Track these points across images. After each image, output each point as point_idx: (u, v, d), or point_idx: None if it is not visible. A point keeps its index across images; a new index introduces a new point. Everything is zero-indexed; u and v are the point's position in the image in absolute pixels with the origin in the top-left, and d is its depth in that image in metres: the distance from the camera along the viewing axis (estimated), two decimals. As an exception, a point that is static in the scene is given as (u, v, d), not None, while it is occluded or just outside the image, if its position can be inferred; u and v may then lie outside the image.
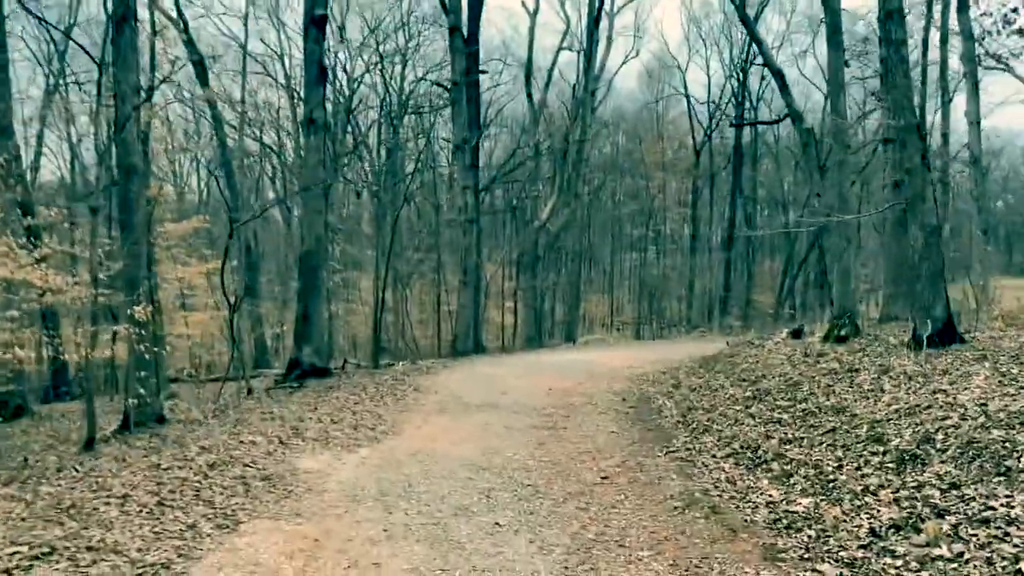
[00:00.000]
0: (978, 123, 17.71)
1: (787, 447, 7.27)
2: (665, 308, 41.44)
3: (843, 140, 14.93)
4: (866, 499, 5.49)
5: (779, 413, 8.60)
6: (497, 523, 5.96)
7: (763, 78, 36.72)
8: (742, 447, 7.81)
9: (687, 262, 41.66)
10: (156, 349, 11.27)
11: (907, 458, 5.92)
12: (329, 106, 27.07)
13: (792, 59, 41.04)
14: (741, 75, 36.82)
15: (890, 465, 5.96)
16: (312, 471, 7.71)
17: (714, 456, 7.81)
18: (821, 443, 7.08)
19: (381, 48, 31.79)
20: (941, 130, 26.29)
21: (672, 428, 9.74)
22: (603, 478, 7.30)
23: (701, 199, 44.50)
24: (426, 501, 6.60)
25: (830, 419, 7.68)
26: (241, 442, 9.10)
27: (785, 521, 5.51)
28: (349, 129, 34.93)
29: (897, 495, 5.38)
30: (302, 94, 22.05)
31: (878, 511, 5.23)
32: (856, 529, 5.06)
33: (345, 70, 34.48)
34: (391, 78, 34.76)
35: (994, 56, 18.47)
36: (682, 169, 44.82)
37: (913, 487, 5.43)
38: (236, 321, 15.77)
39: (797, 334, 11.96)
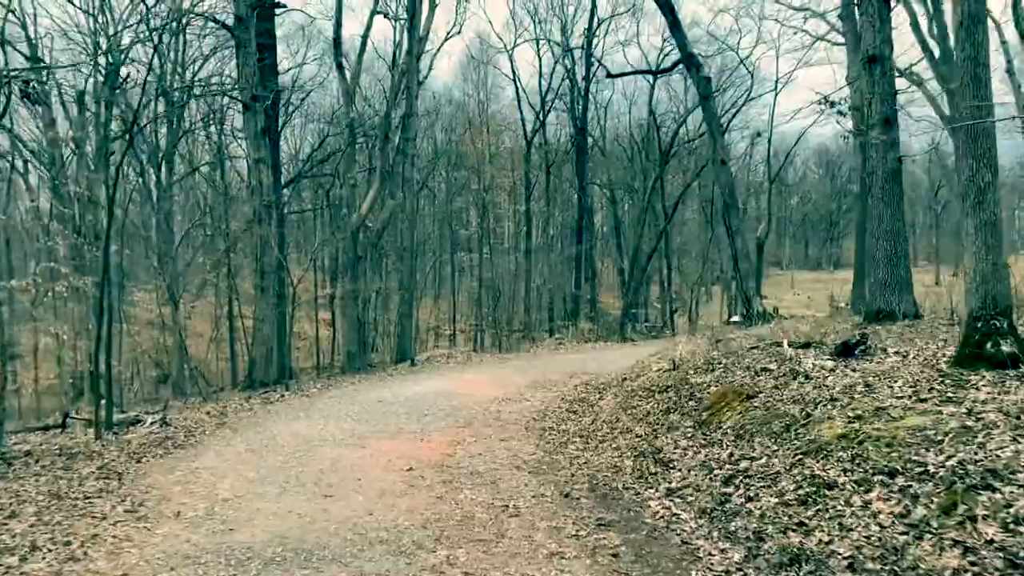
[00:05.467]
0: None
1: None
2: (502, 314, 36.67)
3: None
4: None
5: None
6: None
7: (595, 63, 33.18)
8: None
9: (524, 261, 37.16)
10: None
11: None
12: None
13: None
14: (586, 44, 32.69)
15: None
16: None
17: None
18: None
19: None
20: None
21: None
22: None
23: (534, 193, 40.28)
24: None
25: None
26: None
27: None
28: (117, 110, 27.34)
29: None
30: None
31: None
32: None
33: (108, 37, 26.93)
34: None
35: None
36: (513, 160, 40.59)
37: None
38: None
39: (850, 350, 7.01)
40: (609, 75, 23.53)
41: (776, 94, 37.93)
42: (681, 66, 17.78)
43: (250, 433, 9.45)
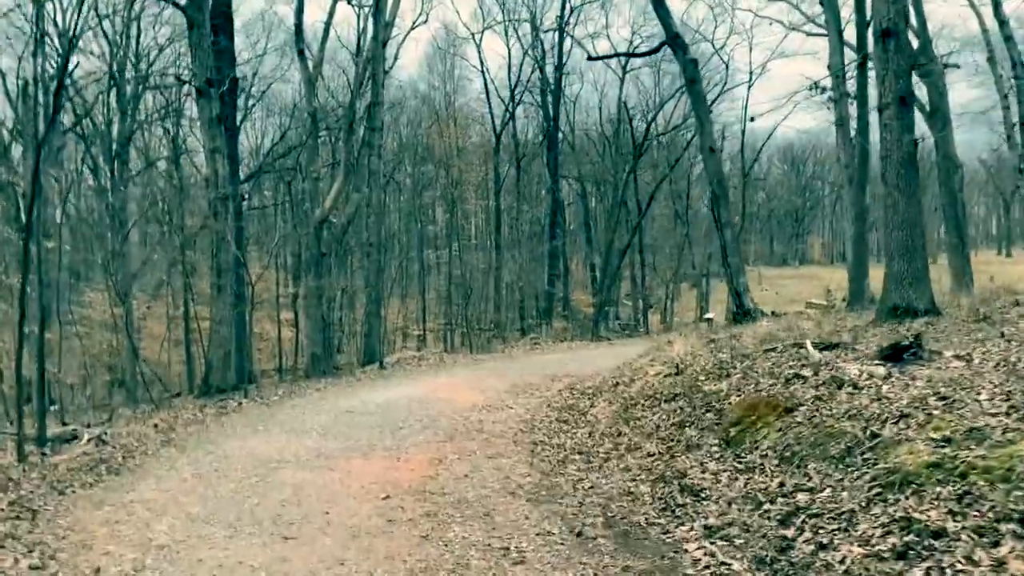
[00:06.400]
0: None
1: None
2: (473, 313, 35.51)
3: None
4: None
5: None
6: None
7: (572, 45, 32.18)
8: None
9: (494, 258, 36.04)
10: None
11: None
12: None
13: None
14: (558, 31, 31.64)
15: None
16: None
17: None
18: None
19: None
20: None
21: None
22: None
23: (504, 187, 39.16)
24: None
25: None
26: None
27: None
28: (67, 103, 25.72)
29: None
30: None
31: None
32: None
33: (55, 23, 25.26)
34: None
35: None
36: (483, 155, 39.53)
37: None
38: None
39: (899, 353, 5.98)
40: (590, 57, 22.62)
41: (750, 86, 37.39)
42: (665, 48, 16.80)
43: (199, 452, 8.23)
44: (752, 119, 23.68)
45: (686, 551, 4.53)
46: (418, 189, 39.19)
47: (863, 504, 4.10)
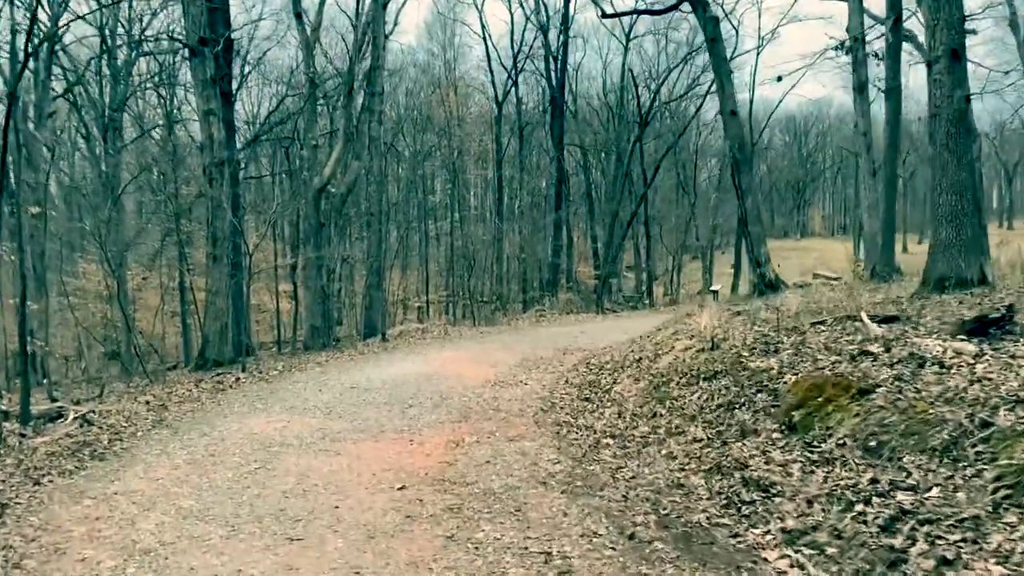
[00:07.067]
0: None
1: None
2: (474, 284, 34.73)
3: None
4: None
5: None
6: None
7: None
8: None
9: (496, 229, 35.17)
10: None
11: None
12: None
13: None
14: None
15: None
16: None
17: None
18: None
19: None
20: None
21: None
22: None
23: (507, 157, 38.22)
24: None
25: None
26: None
27: None
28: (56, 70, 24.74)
29: None
30: None
31: None
32: None
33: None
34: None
35: None
36: (484, 124, 38.61)
37: None
38: None
39: (983, 328, 5.15)
40: (603, 15, 21.51)
41: (758, 52, 36.35)
42: (674, 13, 15.89)
43: (193, 434, 7.53)
44: (780, 78, 22.81)
45: (766, 560, 3.84)
46: (419, 159, 38.23)
47: (990, 509, 3.41)
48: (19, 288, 9.79)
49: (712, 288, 32.64)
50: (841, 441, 4.69)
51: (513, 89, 35.90)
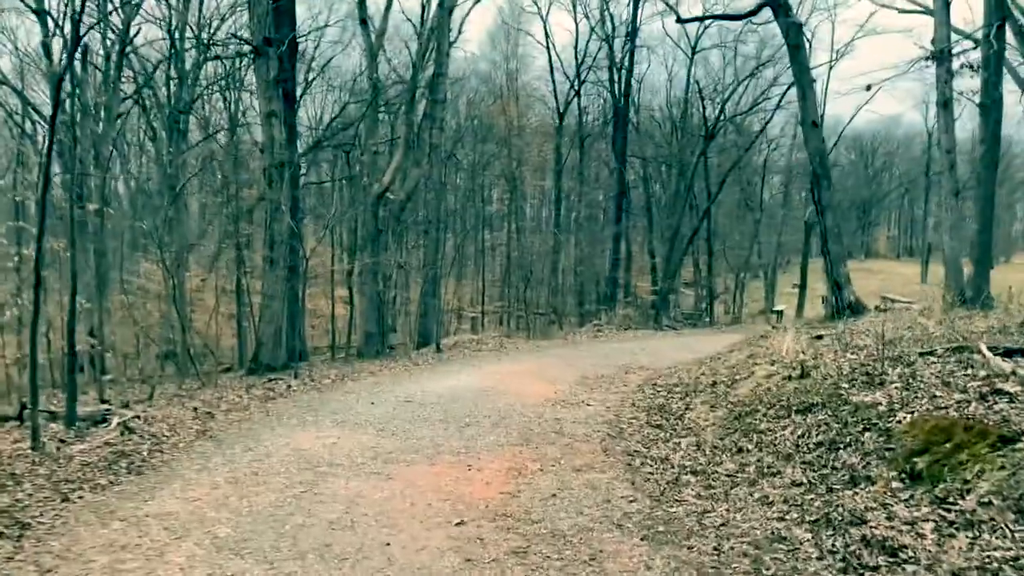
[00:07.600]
0: None
1: None
2: (531, 296, 34.14)
3: None
4: None
5: None
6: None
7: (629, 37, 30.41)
8: None
9: (553, 241, 34.55)
10: None
11: None
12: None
13: None
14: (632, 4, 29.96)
15: None
16: None
17: None
18: None
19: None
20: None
21: None
22: None
23: (566, 168, 37.66)
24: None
25: None
26: None
27: None
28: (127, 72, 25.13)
29: None
30: None
31: None
32: None
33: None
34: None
35: None
36: (543, 134, 38.12)
37: None
38: None
39: None
40: (679, 20, 20.82)
41: (832, 66, 35.06)
42: (748, 22, 15.13)
43: (238, 448, 7.09)
44: (868, 87, 21.92)
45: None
46: (478, 168, 37.93)
47: None
48: (70, 286, 9.55)
49: (776, 309, 31.52)
50: (985, 499, 3.96)
51: (575, 99, 35.44)
